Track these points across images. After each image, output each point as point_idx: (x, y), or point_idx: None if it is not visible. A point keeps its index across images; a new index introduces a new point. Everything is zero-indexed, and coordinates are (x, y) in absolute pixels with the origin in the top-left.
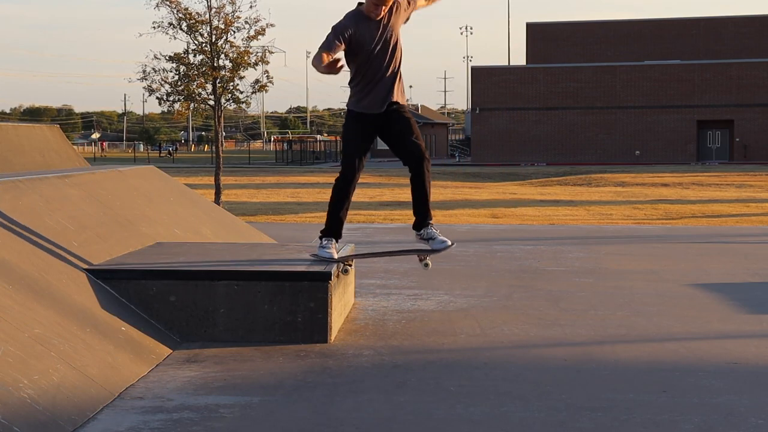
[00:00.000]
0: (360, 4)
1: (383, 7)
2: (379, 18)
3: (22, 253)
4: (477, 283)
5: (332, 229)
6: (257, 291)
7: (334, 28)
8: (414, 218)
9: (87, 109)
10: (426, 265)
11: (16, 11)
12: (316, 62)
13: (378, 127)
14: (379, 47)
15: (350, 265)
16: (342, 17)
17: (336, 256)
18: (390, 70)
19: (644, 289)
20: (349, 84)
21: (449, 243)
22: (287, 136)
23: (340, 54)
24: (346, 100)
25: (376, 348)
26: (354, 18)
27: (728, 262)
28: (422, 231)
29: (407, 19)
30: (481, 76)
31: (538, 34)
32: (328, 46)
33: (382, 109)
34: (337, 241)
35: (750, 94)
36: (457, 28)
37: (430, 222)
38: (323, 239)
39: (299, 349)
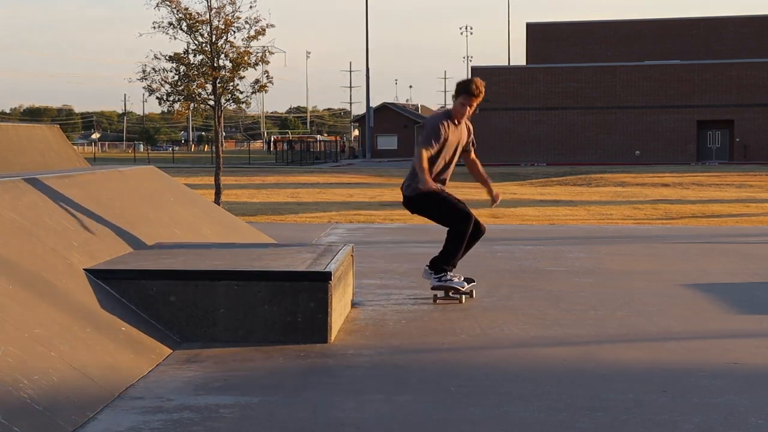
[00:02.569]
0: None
1: (470, 108)
2: (460, 122)
3: (22, 253)
4: (477, 283)
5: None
6: (257, 291)
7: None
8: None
9: (87, 109)
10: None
11: (16, 11)
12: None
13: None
14: (454, 151)
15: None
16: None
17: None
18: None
19: (644, 289)
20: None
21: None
22: (287, 136)
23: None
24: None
25: (376, 348)
26: (443, 119)
27: (728, 262)
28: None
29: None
30: (481, 76)
31: (538, 34)
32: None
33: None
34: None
35: (750, 94)
36: (457, 28)
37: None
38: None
39: (299, 349)
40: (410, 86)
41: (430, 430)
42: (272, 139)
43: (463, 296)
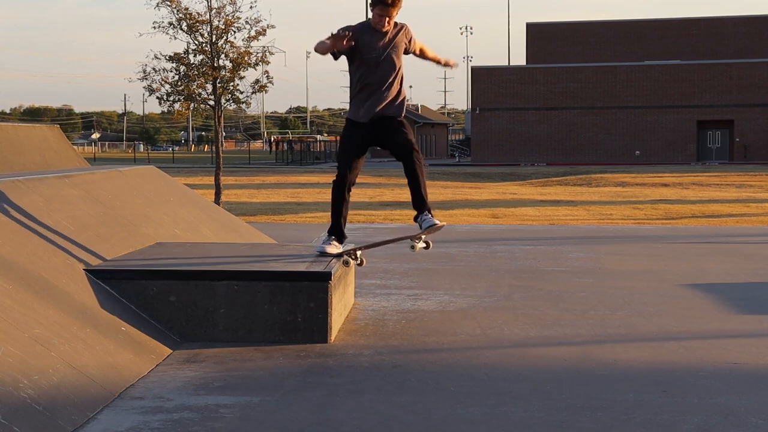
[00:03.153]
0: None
1: (387, 18)
2: (384, 30)
3: (22, 253)
4: (477, 283)
5: (335, 228)
6: (257, 291)
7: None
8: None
9: (87, 109)
10: (412, 247)
11: (16, 11)
12: (319, 45)
13: (372, 136)
14: (382, 58)
15: (354, 258)
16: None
17: (332, 251)
18: (390, 85)
19: (644, 289)
20: (350, 95)
21: (438, 222)
22: (287, 135)
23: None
24: (347, 101)
25: (376, 348)
26: (361, 25)
27: (728, 262)
28: (418, 218)
29: (405, 52)
30: (481, 76)
31: (538, 34)
32: (333, 33)
33: (371, 118)
34: (341, 240)
35: (750, 94)
36: (457, 28)
37: (427, 211)
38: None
39: (299, 349)
40: (410, 86)
41: (430, 430)
42: (272, 139)
43: (350, 260)
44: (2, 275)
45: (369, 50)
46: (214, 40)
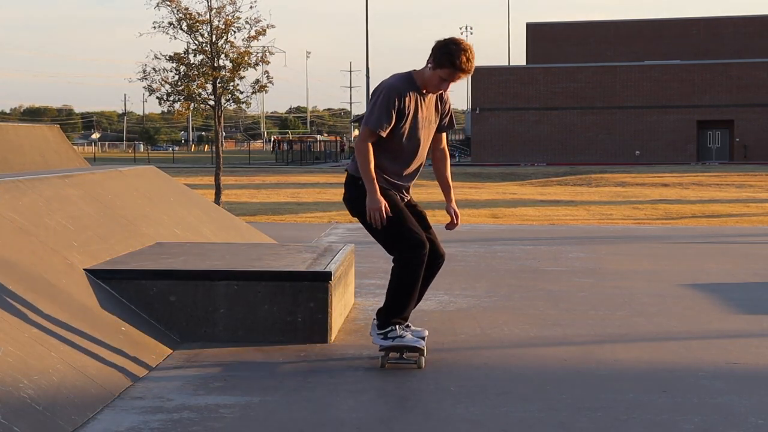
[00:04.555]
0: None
1: (448, 84)
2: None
3: (22, 253)
4: (477, 283)
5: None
6: (257, 291)
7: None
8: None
9: (87, 109)
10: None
11: (16, 11)
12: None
13: None
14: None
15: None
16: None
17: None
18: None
19: (644, 289)
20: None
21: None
22: (287, 135)
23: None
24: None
25: (376, 348)
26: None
27: (728, 262)
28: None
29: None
30: (481, 76)
31: (538, 34)
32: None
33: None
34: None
35: (750, 94)
36: (457, 28)
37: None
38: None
39: (299, 349)
40: None
41: (430, 430)
42: (272, 138)
43: (422, 357)
44: (2, 275)
45: (410, 124)
46: (214, 40)
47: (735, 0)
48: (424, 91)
